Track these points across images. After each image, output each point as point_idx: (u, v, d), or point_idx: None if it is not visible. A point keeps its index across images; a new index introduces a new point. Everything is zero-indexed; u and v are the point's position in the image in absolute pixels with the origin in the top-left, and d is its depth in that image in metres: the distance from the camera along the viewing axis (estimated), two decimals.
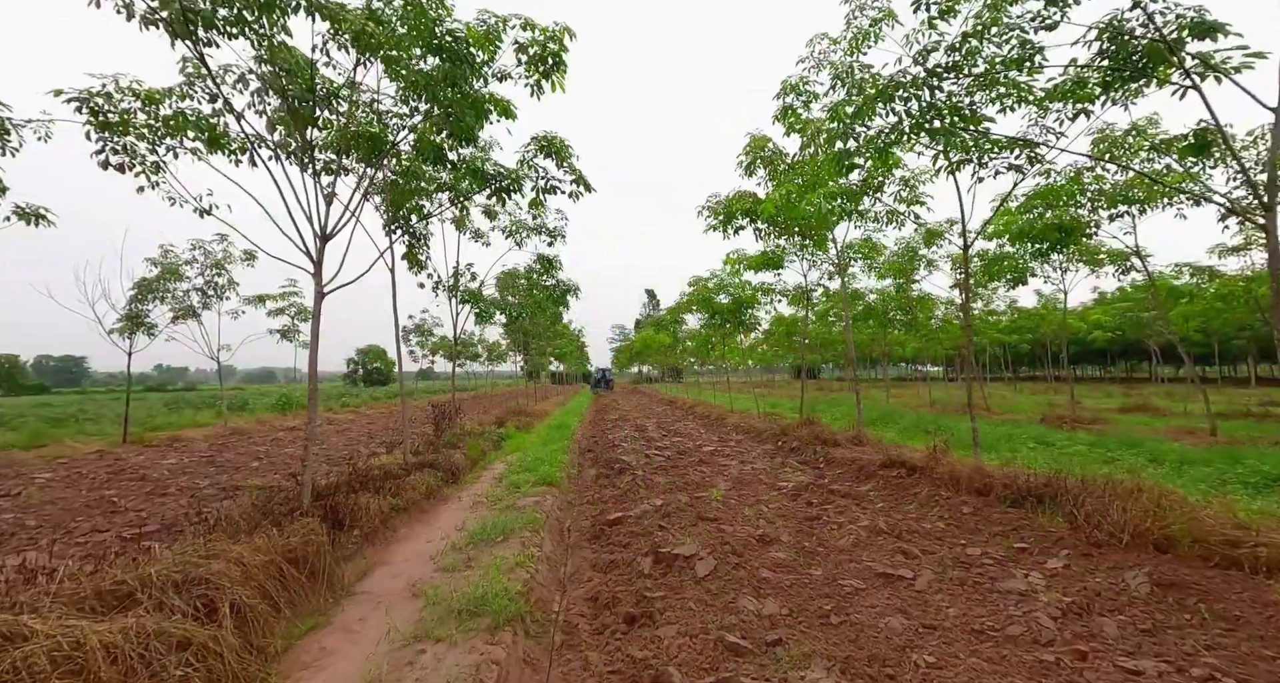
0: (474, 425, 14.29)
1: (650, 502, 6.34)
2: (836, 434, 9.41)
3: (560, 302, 11.16)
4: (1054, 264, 14.35)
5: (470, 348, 32.26)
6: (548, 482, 7.30)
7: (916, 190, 9.69)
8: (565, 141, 6.71)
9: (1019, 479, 5.37)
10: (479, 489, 7.32)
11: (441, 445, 10.18)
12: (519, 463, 8.76)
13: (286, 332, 15.82)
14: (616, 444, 11.50)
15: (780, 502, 6.33)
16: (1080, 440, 9.65)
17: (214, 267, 12.98)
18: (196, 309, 13.63)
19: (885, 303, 19.02)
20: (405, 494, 6.18)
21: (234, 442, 12.03)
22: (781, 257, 12.03)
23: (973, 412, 6.75)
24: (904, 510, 5.68)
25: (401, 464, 8.04)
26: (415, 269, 9.94)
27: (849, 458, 8.12)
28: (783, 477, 7.75)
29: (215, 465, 9.18)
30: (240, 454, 10.63)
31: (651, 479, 7.60)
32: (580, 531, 5.80)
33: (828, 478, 7.45)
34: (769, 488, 7.11)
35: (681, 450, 10.49)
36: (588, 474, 9.00)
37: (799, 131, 9.54)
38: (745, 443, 11.59)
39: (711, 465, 8.87)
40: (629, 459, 9.41)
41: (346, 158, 6.12)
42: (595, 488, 7.82)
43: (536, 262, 10.57)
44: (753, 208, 10.00)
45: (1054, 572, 3.86)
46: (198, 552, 3.26)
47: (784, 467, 8.46)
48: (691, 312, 22.82)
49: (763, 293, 14.04)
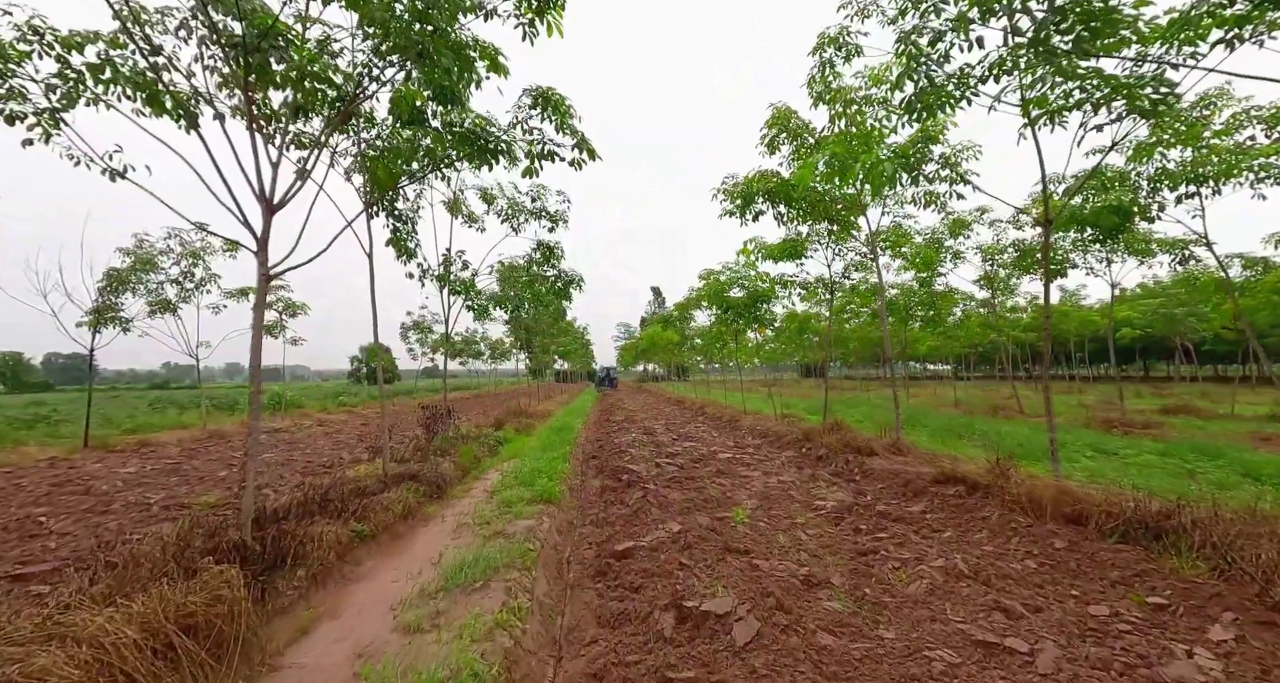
0: (470, 427, 13.34)
1: (665, 526, 5.35)
2: (870, 441, 8.38)
3: (563, 295, 10.17)
4: (1097, 254, 13.21)
5: (473, 346, 31.39)
6: (545, 498, 6.33)
7: (960, 169, 8.65)
8: (564, 98, 5.71)
9: (1124, 506, 4.34)
10: (467, 506, 6.36)
11: (431, 452, 9.23)
12: (515, 473, 7.80)
13: (272, 328, 14.92)
14: (623, 450, 10.52)
15: (820, 527, 5.32)
16: (1145, 448, 8.59)
17: (191, 257, 12.07)
18: (174, 303, 12.74)
19: (907, 297, 17.96)
20: (375, 517, 5.21)
21: (209, 446, 11.13)
22: (804, 245, 11.00)
23: (1050, 418, 5.67)
24: (973, 541, 4.66)
25: (380, 476, 7.09)
26: (403, 257, 9.00)
27: (889, 470, 7.10)
28: (816, 493, 6.74)
29: (178, 475, 8.27)
30: (211, 461, 9.71)
31: (665, 495, 6.61)
32: (582, 563, 4.82)
33: (869, 495, 6.44)
34: (803, 507, 6.10)
35: (695, 458, 9.50)
36: (592, 486, 8.02)
37: (828, 102, 8.55)
38: (764, 449, 10.58)
39: (731, 477, 7.87)
40: (638, 468, 8.42)
41: (304, 118, 5.15)
42: (600, 504, 6.83)
43: (536, 250, 9.58)
44: (777, 188, 8.96)
45: (1225, 648, 2.84)
46: (32, 627, 2.29)
47: (815, 480, 7.45)
48: (701, 308, 21.87)
49: (781, 285, 12.99)
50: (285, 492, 6.96)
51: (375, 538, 5.02)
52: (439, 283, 8.73)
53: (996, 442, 10.08)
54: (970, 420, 13.10)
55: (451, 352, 31.76)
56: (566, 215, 9.45)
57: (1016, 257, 14.54)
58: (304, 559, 4.00)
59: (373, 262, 7.17)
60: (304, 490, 5.22)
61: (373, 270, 7.14)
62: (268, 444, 11.95)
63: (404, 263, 9.11)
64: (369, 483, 6.75)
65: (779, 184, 8.96)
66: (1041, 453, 8.42)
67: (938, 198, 9.00)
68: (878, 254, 9.26)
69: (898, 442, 8.18)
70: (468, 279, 8.96)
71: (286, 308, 16.60)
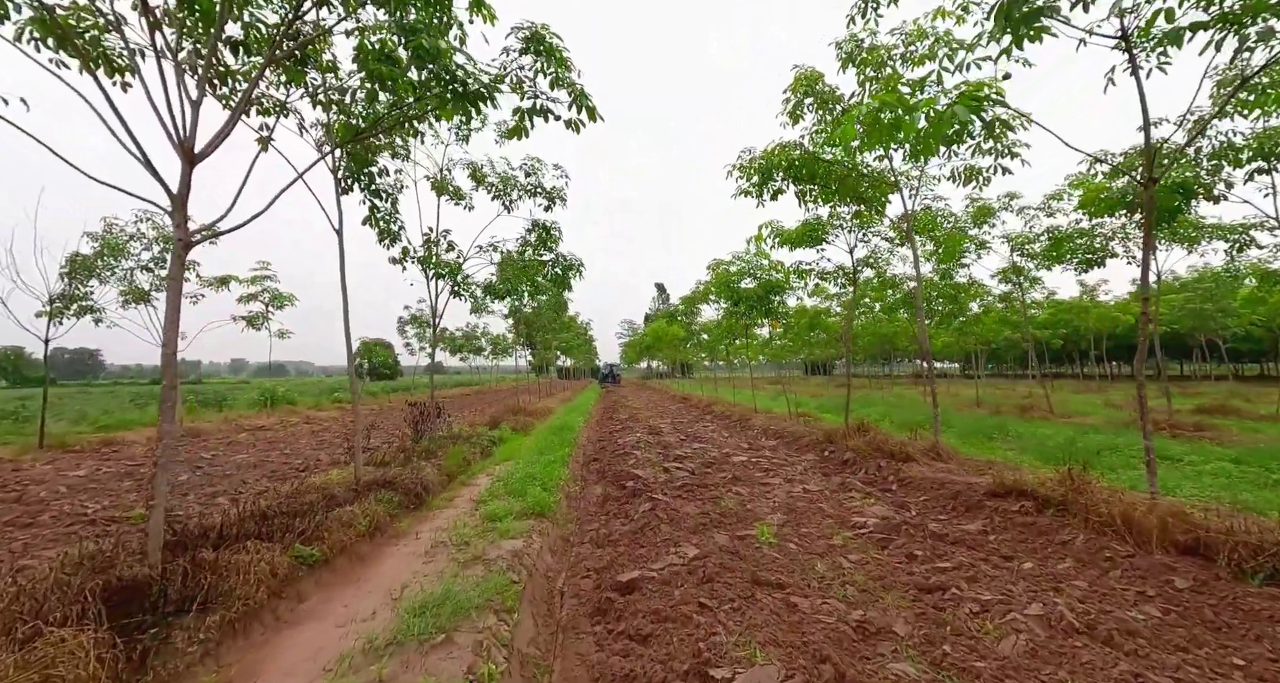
0: (464, 427, 12.51)
1: (679, 549, 4.48)
2: (905, 444, 7.48)
3: (562, 283, 9.29)
4: (1138, 241, 12.20)
5: (474, 342, 30.55)
6: (538, 511, 5.47)
7: (1006, 139, 7.72)
8: (559, 45, 4.81)
9: (1267, 536, 3.44)
10: (447, 520, 5.50)
11: (416, 454, 8.39)
12: (507, 480, 6.95)
13: (254, 319, 14.10)
14: (628, 452, 9.65)
15: (864, 551, 4.44)
16: (1211, 454, 7.66)
17: (164, 242, 11.22)
18: (148, 292, 11.92)
19: (927, 290, 17.00)
20: (332, 536, 4.35)
21: (181, 445, 10.32)
22: (827, 228, 10.08)
23: (1145, 424, 4.65)
24: (1060, 574, 3.77)
25: (352, 483, 6.25)
26: (386, 241, 8.16)
27: (932, 479, 6.21)
28: (850, 505, 5.85)
29: (133, 479, 7.45)
30: (178, 462, 8.89)
31: (675, 507, 5.73)
32: (578, 596, 3.95)
33: (913, 509, 5.55)
34: (837, 523, 5.21)
35: (707, 462, 8.62)
36: (592, 494, 7.16)
37: (860, 64, 7.64)
38: (782, 452, 9.69)
39: (749, 485, 6.99)
40: (644, 474, 7.55)
41: (237, 55, 4.28)
42: (601, 517, 5.97)
43: (531, 231, 8.70)
44: (801, 162, 8.04)
45: None
46: None
47: (846, 490, 6.56)
48: (709, 301, 20.95)
49: (797, 275, 12.07)
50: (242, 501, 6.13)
51: (329, 563, 4.16)
52: (421, 265, 7.86)
53: (1035, 445, 9.18)
54: (1001, 421, 12.17)
55: (452, 347, 30.99)
56: (565, 192, 8.57)
57: (1049, 245, 13.54)
58: (223, 599, 3.14)
59: (342, 240, 6.31)
60: (243, 505, 4.35)
61: (342, 250, 6.28)
62: (247, 444, 11.14)
63: (386, 247, 8.29)
64: (337, 491, 5.92)
65: (803, 157, 8.03)
66: (1100, 460, 7.52)
67: (979, 173, 8.08)
68: (912, 236, 8.30)
69: (936, 446, 7.28)
70: (453, 261, 8.08)
71: (273, 299, 15.76)
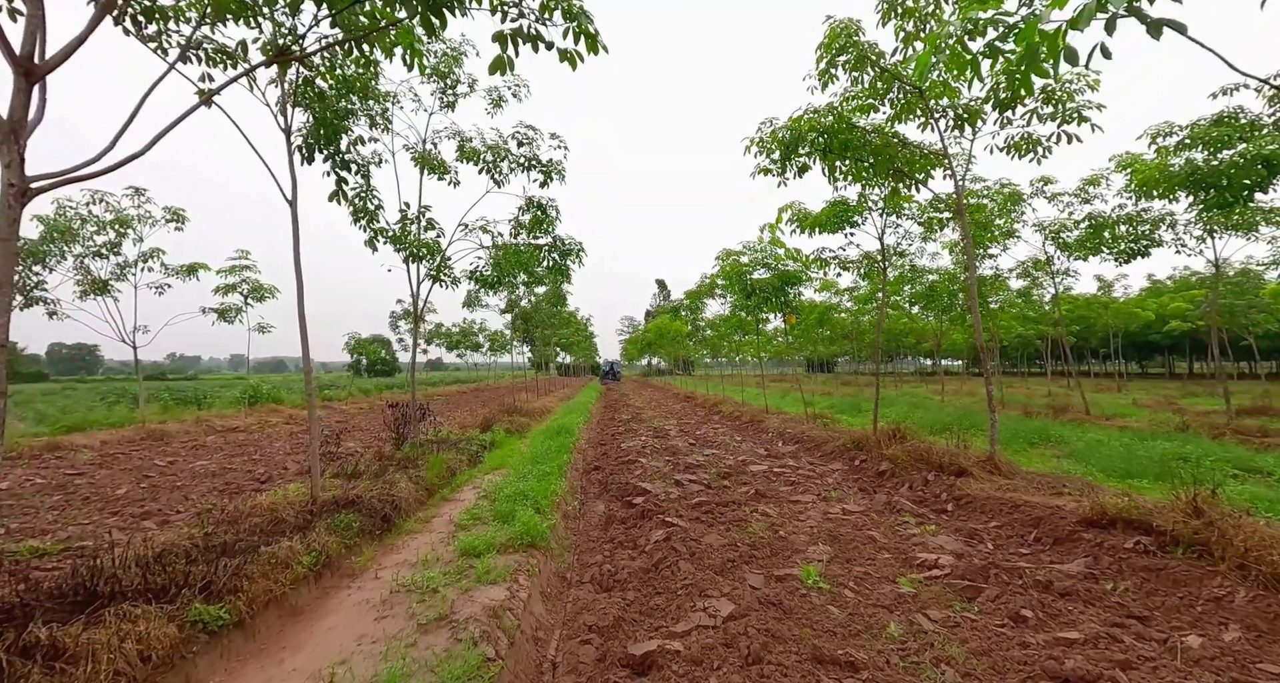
0: (453, 429, 11.51)
1: (707, 601, 3.47)
2: (956, 455, 6.47)
3: (560, 271, 8.26)
4: (1193, 229, 11.17)
5: (470, 338, 29.55)
6: (528, 540, 4.46)
7: (1070, 102, 6.67)
8: None
9: None
10: (416, 551, 4.49)
11: (394, 463, 7.39)
12: (494, 496, 5.95)
13: (225, 312, 13.04)
14: (633, 459, 8.64)
15: (948, 605, 3.42)
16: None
17: (119, 225, 10.19)
18: (108, 282, 10.91)
19: (947, 283, 15.96)
20: (254, 586, 3.33)
21: (135, 451, 9.32)
22: (858, 210, 9.05)
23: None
24: (1232, 647, 2.76)
25: (307, 503, 5.24)
26: (362, 221, 7.13)
27: (998, 500, 5.19)
28: (906, 533, 4.84)
29: (63, 493, 6.44)
30: (126, 470, 7.89)
31: (695, 535, 4.71)
32: (576, 671, 2.94)
33: (988, 540, 4.53)
34: (898, 561, 4.20)
35: (722, 471, 7.61)
36: (594, 513, 6.16)
37: (903, 15, 6.59)
38: (804, 460, 8.68)
39: (776, 502, 5.98)
40: (653, 488, 6.54)
41: None
42: (605, 546, 4.97)
43: (525, 210, 7.66)
44: (833, 130, 6.99)
45: None
46: None
47: (894, 511, 5.55)
48: (715, 295, 19.91)
49: (817, 264, 11.04)
50: (180, 523, 5.12)
51: (245, 625, 3.15)
52: (395, 245, 6.83)
53: (1090, 454, 8.16)
54: (1040, 425, 11.14)
55: (449, 343, 29.98)
56: (563, 166, 7.53)
57: (1087, 232, 12.49)
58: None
59: (296, 213, 5.26)
60: (124, 550, 3.31)
61: (296, 224, 5.24)
62: (214, 447, 10.13)
63: (362, 228, 7.26)
64: (288, 514, 4.91)
65: (835, 124, 6.99)
66: (1148, 469, 6.53)
67: (1037, 143, 7.05)
68: (963, 214, 7.25)
69: (994, 457, 6.26)
70: (433, 242, 7.04)
71: (253, 291, 14.72)
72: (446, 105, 7.77)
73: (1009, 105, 6.88)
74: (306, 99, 6.04)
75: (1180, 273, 36.94)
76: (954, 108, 7.23)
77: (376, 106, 7.28)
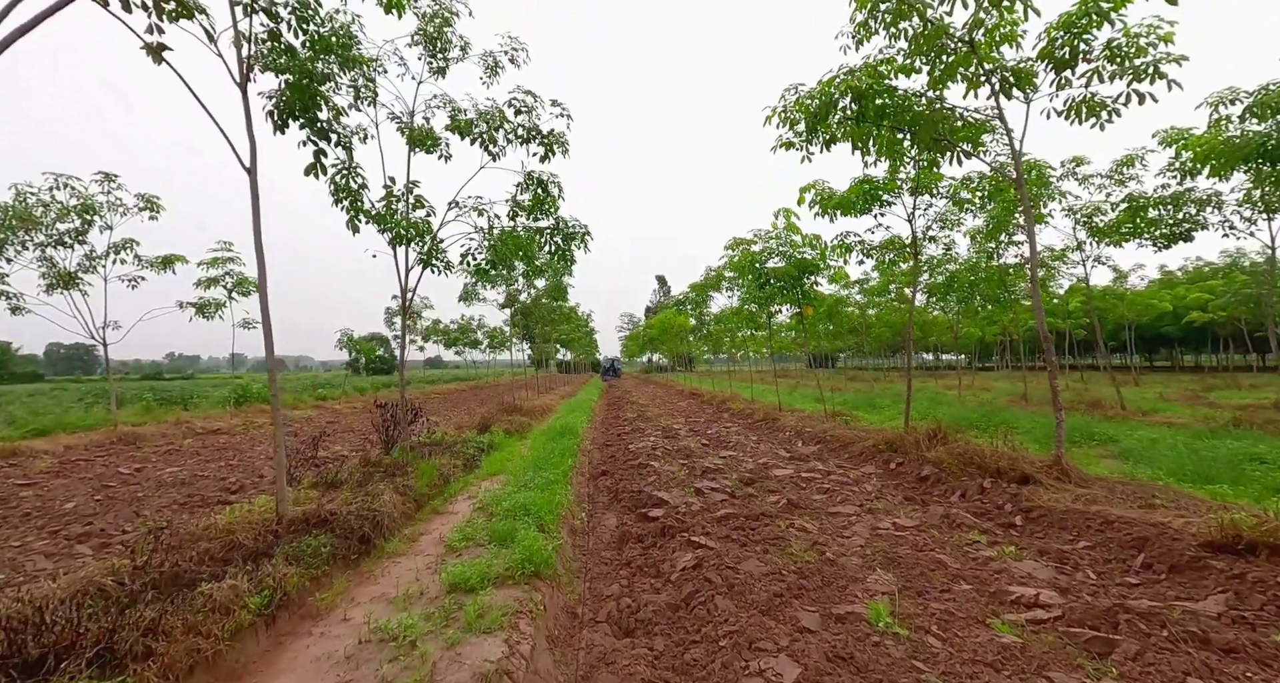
0: (449, 430, 10.75)
1: (759, 657, 2.71)
2: (1015, 457, 5.70)
3: (563, 256, 7.47)
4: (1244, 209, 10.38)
5: (469, 334, 28.80)
6: (530, 570, 3.70)
7: (1140, 56, 5.86)
8: None
9: None
10: (394, 583, 3.74)
11: (381, 470, 6.63)
12: (491, 509, 5.20)
13: (204, 307, 12.24)
14: (643, 463, 7.89)
15: (1074, 667, 2.66)
16: None
17: (84, 212, 9.40)
18: (76, 275, 10.13)
19: (969, 274, 15.16)
20: (175, 646, 2.57)
21: (100, 457, 8.54)
22: (890, 188, 8.28)
23: None
24: None
25: (271, 522, 4.48)
26: (344, 201, 6.35)
27: (1079, 514, 4.43)
28: (980, 556, 4.07)
29: (4, 508, 5.68)
30: (85, 479, 7.13)
31: (730, 562, 3.95)
32: None
33: (1085, 565, 3.77)
34: (983, 596, 3.44)
35: (745, 477, 6.86)
36: (605, 527, 5.40)
37: None
38: (831, 462, 7.93)
39: (813, 514, 5.23)
40: (670, 498, 5.79)
41: None
42: (622, 572, 4.21)
43: (524, 188, 6.87)
44: (869, 92, 6.20)
45: None
46: None
47: (953, 525, 4.79)
48: (720, 289, 19.14)
49: (837, 251, 10.26)
50: (119, 547, 4.36)
51: None
52: (378, 226, 6.05)
53: (1150, 455, 7.41)
54: (1084, 421, 10.38)
55: (447, 340, 29.22)
56: (566, 138, 6.74)
57: (1123, 214, 11.70)
58: None
59: (255, 180, 4.48)
60: None
61: (256, 193, 4.46)
62: (189, 452, 9.36)
63: (344, 209, 6.47)
64: (245, 537, 4.15)
65: (874, 84, 6.19)
66: (1214, 472, 5.79)
67: (1101, 106, 6.25)
68: (1023, 187, 6.44)
69: (1060, 462, 5.49)
70: (421, 221, 6.26)
71: (237, 284, 13.94)
72: (436, 71, 6.99)
73: (1067, 64, 6.12)
74: (274, 54, 5.29)
75: (1192, 264, 36.20)
76: (1002, 68, 6.45)
77: (361, 78, 6.52)
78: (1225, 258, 30.22)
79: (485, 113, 6.49)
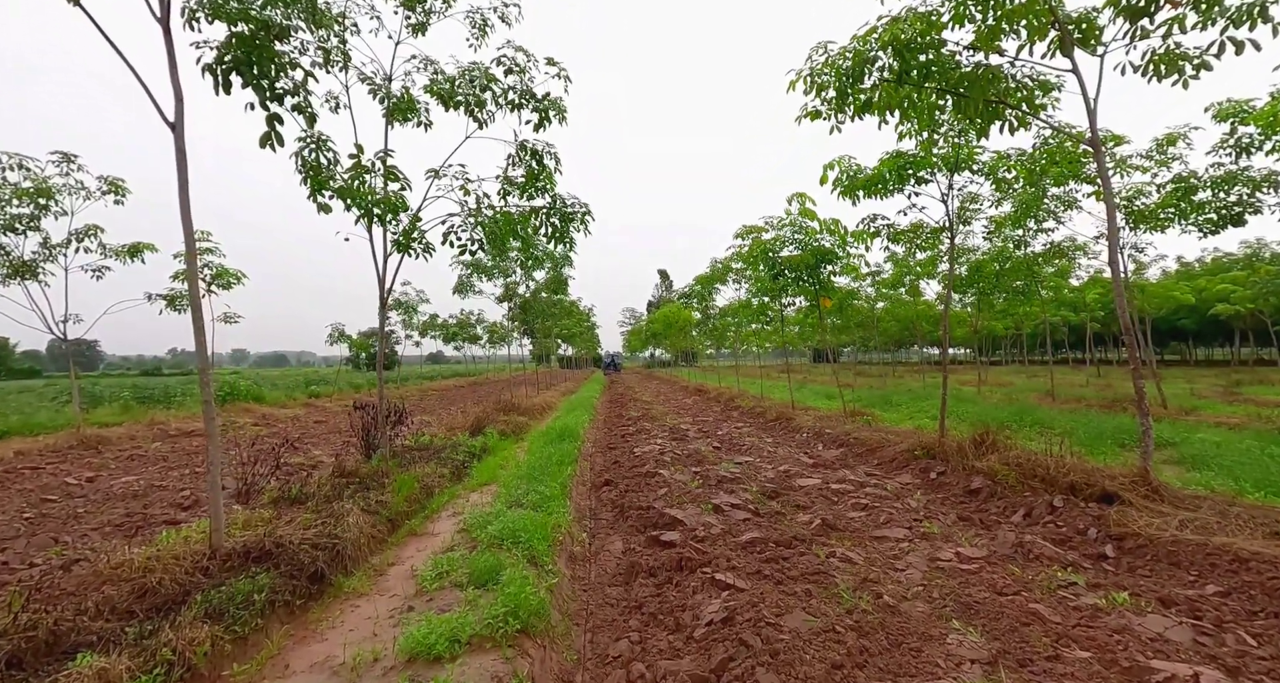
0: (440, 432, 9.95)
1: None
2: (1091, 470, 4.87)
3: (561, 236, 6.63)
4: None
5: (468, 329, 28.01)
6: (516, 624, 2.90)
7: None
8: None
9: None
10: (344, 642, 2.93)
11: (355, 482, 5.83)
12: (474, 534, 4.41)
13: (175, 299, 11.43)
14: (651, 471, 7.08)
15: None
16: None
17: (37, 195, 8.58)
18: (34, 265, 9.33)
19: (994, 260, 14.28)
20: None
21: (55, 464, 7.76)
22: (919, 166, 7.42)
23: None
24: None
25: (204, 556, 3.67)
26: (309, 178, 5.52)
27: (1193, 545, 3.62)
28: (1083, 604, 3.25)
29: None
30: (25, 491, 6.35)
31: (769, 616, 3.13)
32: None
33: (1231, 625, 2.95)
34: (1110, 674, 2.62)
35: (766, 489, 6.04)
36: (610, 555, 4.59)
37: None
38: (860, 470, 7.11)
39: (855, 539, 4.42)
40: (686, 517, 4.98)
41: None
42: (630, 625, 3.40)
43: (516, 161, 6.03)
44: (920, 45, 5.33)
45: None
46: None
47: (1029, 556, 3.97)
48: (728, 281, 18.29)
49: (860, 237, 9.37)
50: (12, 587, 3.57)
51: None
52: (345, 200, 5.22)
53: (1220, 464, 6.57)
54: (1129, 421, 9.52)
55: (445, 335, 28.45)
56: (564, 104, 5.89)
57: (1169, 196, 10.81)
58: None
59: (181, 137, 3.65)
60: None
61: (183, 153, 3.63)
62: (153, 457, 8.58)
63: (310, 187, 5.64)
64: (166, 576, 3.35)
65: (921, 36, 5.32)
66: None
67: (1185, 59, 5.37)
68: (1100, 153, 5.55)
69: (1148, 476, 4.65)
70: (394, 195, 5.42)
71: (217, 277, 13.14)
72: (415, 28, 6.13)
73: (1144, 11, 5.25)
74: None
75: (1210, 255, 35.14)
76: (1068, 20, 5.58)
77: (332, 37, 5.67)
78: (1245, 249, 29.24)
79: (470, 69, 5.63)
